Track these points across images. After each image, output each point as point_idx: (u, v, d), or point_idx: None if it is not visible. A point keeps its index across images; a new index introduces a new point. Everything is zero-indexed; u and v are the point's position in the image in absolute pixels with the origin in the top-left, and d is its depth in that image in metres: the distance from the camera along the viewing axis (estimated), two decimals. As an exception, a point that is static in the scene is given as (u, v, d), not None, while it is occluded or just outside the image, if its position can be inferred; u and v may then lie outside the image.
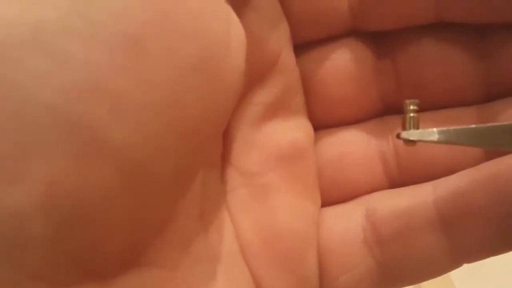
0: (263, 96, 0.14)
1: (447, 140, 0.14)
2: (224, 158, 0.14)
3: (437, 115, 0.15)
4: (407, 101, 0.14)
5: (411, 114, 0.14)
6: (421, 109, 0.14)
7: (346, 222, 0.15)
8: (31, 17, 0.09)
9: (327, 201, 0.15)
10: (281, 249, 0.14)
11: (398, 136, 0.14)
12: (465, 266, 0.15)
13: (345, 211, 0.15)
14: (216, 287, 0.12)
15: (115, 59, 0.09)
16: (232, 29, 0.11)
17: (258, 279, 0.13)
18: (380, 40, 0.15)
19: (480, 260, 0.14)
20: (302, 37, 0.15)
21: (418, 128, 0.14)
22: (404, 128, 0.14)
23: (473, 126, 0.14)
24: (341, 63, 0.15)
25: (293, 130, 0.14)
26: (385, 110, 0.16)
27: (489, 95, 0.15)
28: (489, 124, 0.14)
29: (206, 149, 0.12)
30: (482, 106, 0.15)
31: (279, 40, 0.14)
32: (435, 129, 0.14)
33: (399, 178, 0.15)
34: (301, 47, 0.15)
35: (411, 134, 0.15)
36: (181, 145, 0.10)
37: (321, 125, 0.15)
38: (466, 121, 0.15)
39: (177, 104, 0.10)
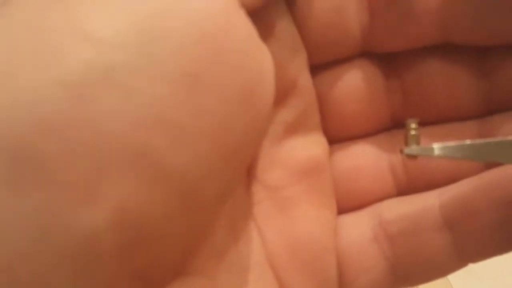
0: (284, 116, 0.15)
1: (446, 155, 0.16)
2: (249, 173, 0.15)
3: (440, 129, 0.16)
4: (408, 120, 0.16)
5: (412, 132, 0.16)
6: (426, 123, 0.15)
7: (361, 228, 0.16)
8: (104, 59, 0.10)
9: (342, 210, 0.16)
10: (304, 256, 0.15)
11: (401, 152, 0.16)
12: None
13: (359, 218, 0.16)
14: None
15: (175, 93, 0.10)
16: (266, 60, 0.12)
17: (285, 284, 0.15)
18: (388, 61, 0.16)
19: (485, 259, 0.16)
20: (317, 60, 0.16)
21: (419, 144, 0.16)
22: (406, 145, 0.16)
23: (470, 141, 0.15)
24: (353, 83, 0.16)
25: (311, 146, 0.16)
26: (393, 125, 0.17)
27: (489, 110, 0.16)
28: (486, 140, 0.15)
29: (244, 169, 0.13)
30: (482, 120, 0.16)
31: (298, 65, 0.15)
32: (435, 145, 0.16)
33: (407, 187, 0.17)
34: (316, 68, 0.16)
35: (413, 150, 0.16)
36: (228, 167, 0.12)
37: (335, 140, 0.17)
38: (467, 134, 0.16)
39: (226, 130, 0.11)
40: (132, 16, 0.10)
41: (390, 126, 0.17)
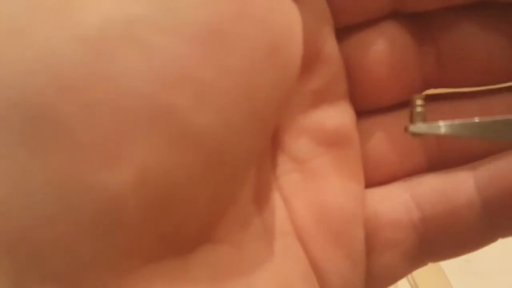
0: (309, 85, 0.15)
1: (453, 133, 0.15)
2: (275, 143, 0.15)
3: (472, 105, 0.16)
4: (414, 96, 0.15)
5: (418, 109, 0.15)
6: (462, 87, 0.15)
7: (391, 202, 0.16)
8: (122, 13, 0.09)
9: (372, 183, 0.16)
10: (332, 227, 0.14)
11: (405, 129, 0.15)
12: (459, 262, 0.16)
13: (390, 191, 0.16)
14: (274, 263, 0.13)
15: (197, 49, 0.10)
16: (294, 17, 0.12)
17: (311, 255, 0.14)
18: (420, 23, 0.15)
19: None
20: (343, 22, 0.15)
21: (425, 122, 0.15)
22: (411, 122, 0.15)
23: (478, 119, 0.15)
24: (382, 47, 0.15)
25: (338, 116, 0.15)
26: (427, 95, 0.16)
27: None
28: (494, 117, 0.15)
29: (270, 132, 0.13)
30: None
31: (324, 31, 0.15)
32: (441, 123, 0.15)
33: (439, 161, 0.16)
34: (342, 32, 0.15)
35: (418, 127, 0.15)
36: (253, 127, 0.11)
37: (364, 109, 0.16)
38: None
39: (250, 88, 0.11)
40: None
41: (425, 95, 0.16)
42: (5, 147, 0.09)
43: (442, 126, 0.15)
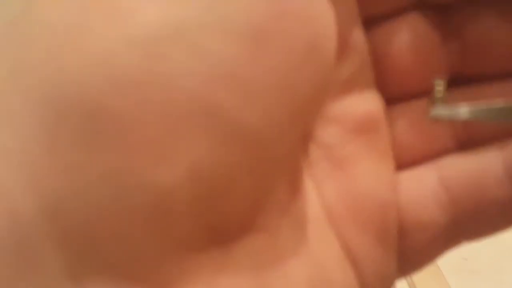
0: (338, 74, 0.15)
1: (476, 117, 0.15)
2: (305, 132, 0.15)
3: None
4: (436, 80, 0.15)
5: (439, 94, 0.15)
6: (486, 77, 0.15)
7: (421, 184, 0.16)
8: (174, 16, 0.10)
9: (400, 167, 0.16)
10: (364, 213, 0.15)
11: (427, 114, 0.15)
12: (456, 261, 0.16)
13: (418, 174, 0.16)
14: (309, 249, 0.13)
15: (244, 49, 0.10)
16: (329, 13, 0.12)
17: (344, 241, 0.15)
18: (445, 13, 0.16)
19: None
20: (368, 13, 0.15)
21: (445, 105, 0.15)
22: (432, 106, 0.15)
23: (502, 103, 0.14)
24: (408, 37, 0.15)
25: (366, 103, 0.15)
26: (451, 80, 0.16)
27: None
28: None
29: (308, 125, 0.13)
30: None
31: (351, 21, 0.15)
32: (462, 107, 0.15)
33: (467, 141, 0.16)
34: (369, 22, 0.16)
35: (439, 111, 0.15)
36: (294, 123, 0.12)
37: (390, 96, 0.16)
38: None
39: (292, 85, 0.11)
40: None
41: (448, 82, 0.16)
42: (64, 145, 0.09)
43: (463, 110, 0.15)
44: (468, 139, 0.16)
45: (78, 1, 0.10)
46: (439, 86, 0.15)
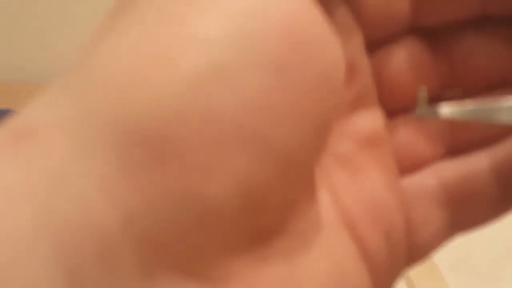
0: (346, 94, 0.17)
1: (456, 116, 0.15)
2: None
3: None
4: (419, 88, 0.17)
5: (422, 98, 0.16)
6: (473, 92, 0.17)
7: (422, 187, 0.18)
8: (216, 58, 0.12)
9: (402, 172, 0.18)
10: (376, 215, 0.17)
11: (410, 114, 0.15)
12: (454, 260, 0.17)
13: (419, 179, 0.18)
14: (329, 248, 0.15)
15: (270, 81, 0.12)
16: (337, 48, 0.14)
17: (359, 239, 0.17)
18: (435, 37, 0.18)
19: None
20: (370, 38, 0.17)
21: (427, 106, 0.15)
22: (416, 107, 0.15)
23: (481, 103, 0.15)
24: (404, 59, 0.18)
25: (372, 119, 0.18)
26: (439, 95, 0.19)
27: None
28: (496, 101, 0.15)
29: (326, 140, 0.15)
30: None
31: (356, 47, 0.17)
32: (444, 107, 0.15)
33: (457, 147, 0.18)
34: (369, 47, 0.18)
35: (422, 111, 0.15)
36: (315, 139, 0.14)
37: (391, 110, 0.18)
38: None
39: (310, 109, 0.13)
40: (233, 20, 0.12)
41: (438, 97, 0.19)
42: (136, 167, 0.12)
43: (445, 110, 0.15)
44: (458, 145, 0.18)
45: (130, 49, 0.12)
46: (423, 92, 0.16)
